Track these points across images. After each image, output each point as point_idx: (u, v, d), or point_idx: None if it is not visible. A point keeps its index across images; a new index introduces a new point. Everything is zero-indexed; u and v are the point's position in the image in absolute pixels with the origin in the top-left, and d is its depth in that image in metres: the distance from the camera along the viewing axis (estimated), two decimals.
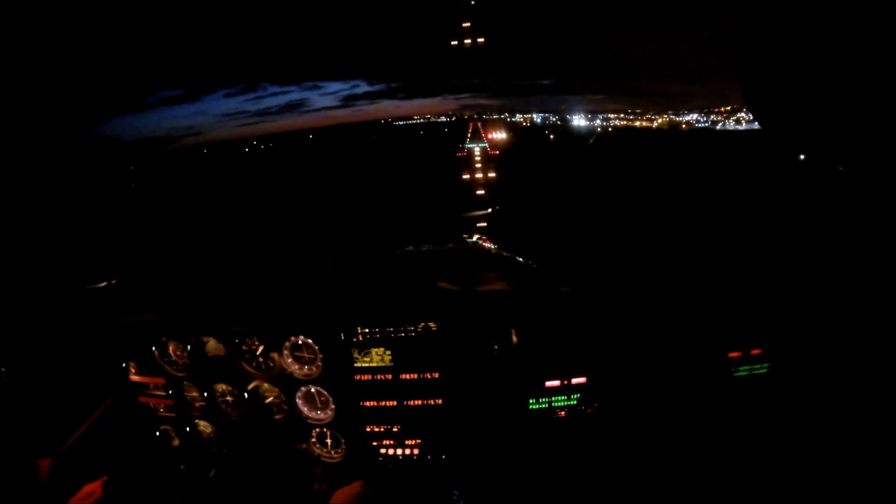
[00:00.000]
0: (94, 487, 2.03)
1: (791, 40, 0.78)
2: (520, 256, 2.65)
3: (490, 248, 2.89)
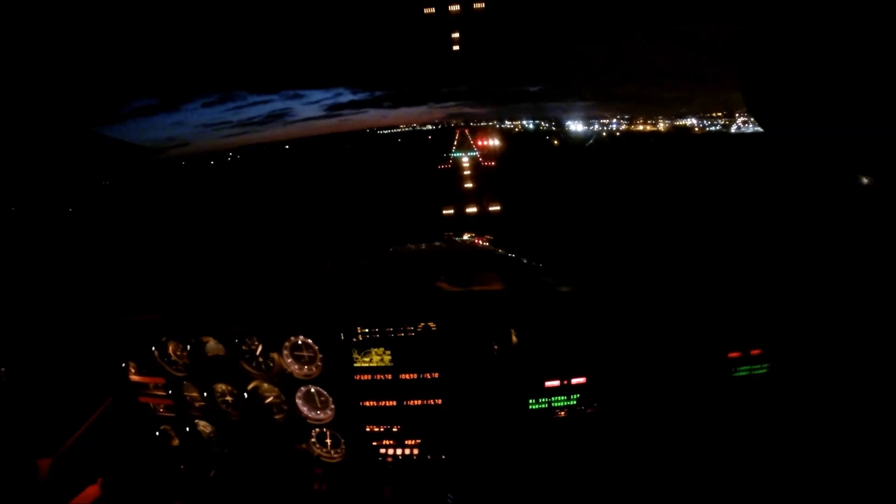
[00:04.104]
0: (93, 489, 2.04)
1: (791, 42, 0.78)
2: (518, 255, 2.65)
3: (485, 247, 2.89)
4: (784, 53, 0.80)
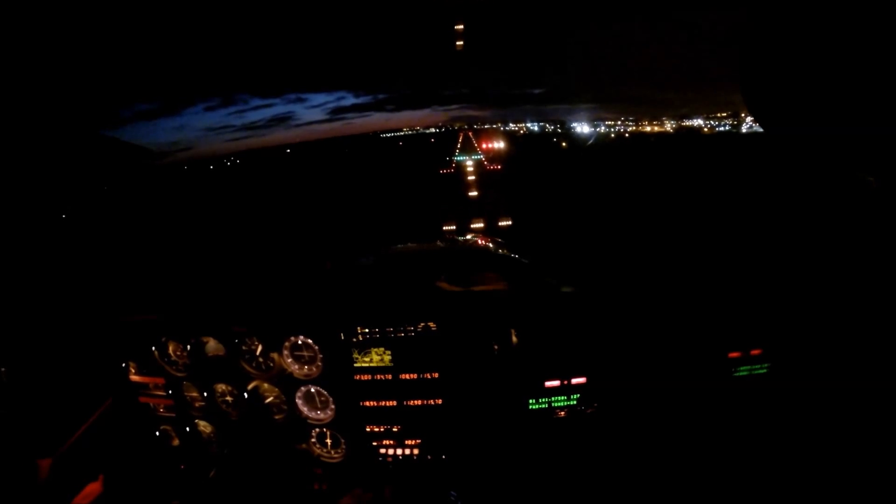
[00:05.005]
0: (94, 486, 2.04)
1: (792, 38, 0.78)
2: (520, 256, 2.65)
3: (487, 247, 2.88)
4: (784, 52, 0.79)
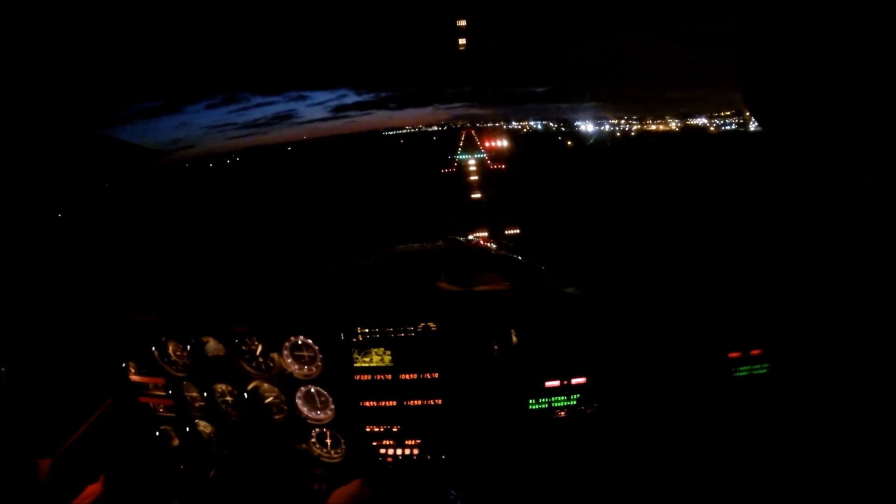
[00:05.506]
0: (94, 487, 2.04)
1: (793, 36, 0.77)
2: (520, 256, 2.65)
3: (488, 247, 2.88)
4: (784, 51, 0.79)
